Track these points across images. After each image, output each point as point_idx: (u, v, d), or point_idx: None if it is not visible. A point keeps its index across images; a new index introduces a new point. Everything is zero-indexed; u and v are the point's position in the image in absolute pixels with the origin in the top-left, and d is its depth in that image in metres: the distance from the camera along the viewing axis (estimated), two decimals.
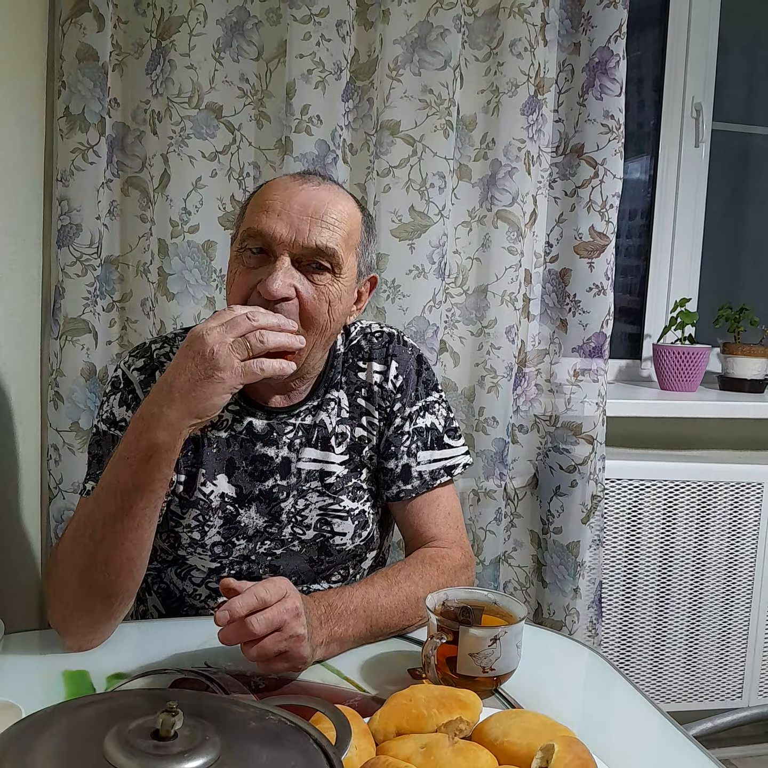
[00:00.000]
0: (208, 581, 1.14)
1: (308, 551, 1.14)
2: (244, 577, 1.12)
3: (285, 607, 0.86)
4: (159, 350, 1.12)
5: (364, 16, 1.64)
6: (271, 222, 0.99)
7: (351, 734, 0.68)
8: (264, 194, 1.04)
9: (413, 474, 1.15)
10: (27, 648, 0.97)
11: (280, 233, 0.99)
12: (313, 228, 1.00)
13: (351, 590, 0.99)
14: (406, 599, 1.02)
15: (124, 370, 1.11)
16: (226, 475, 1.10)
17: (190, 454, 1.10)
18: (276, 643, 0.86)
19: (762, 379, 2.10)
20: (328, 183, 1.06)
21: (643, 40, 2.11)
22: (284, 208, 1.00)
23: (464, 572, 1.12)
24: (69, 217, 1.56)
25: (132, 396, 1.08)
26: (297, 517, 1.12)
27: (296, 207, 1.00)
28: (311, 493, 1.12)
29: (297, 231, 0.99)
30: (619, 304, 2.02)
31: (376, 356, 1.17)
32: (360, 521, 1.14)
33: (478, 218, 1.74)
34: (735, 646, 1.98)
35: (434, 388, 1.20)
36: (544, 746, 0.71)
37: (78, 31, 1.52)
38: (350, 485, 1.14)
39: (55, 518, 1.63)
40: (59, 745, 0.58)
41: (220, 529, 1.10)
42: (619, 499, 1.90)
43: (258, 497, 1.11)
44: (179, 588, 1.16)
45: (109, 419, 1.08)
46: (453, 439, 1.19)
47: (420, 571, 1.06)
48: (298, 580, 1.14)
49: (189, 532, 1.10)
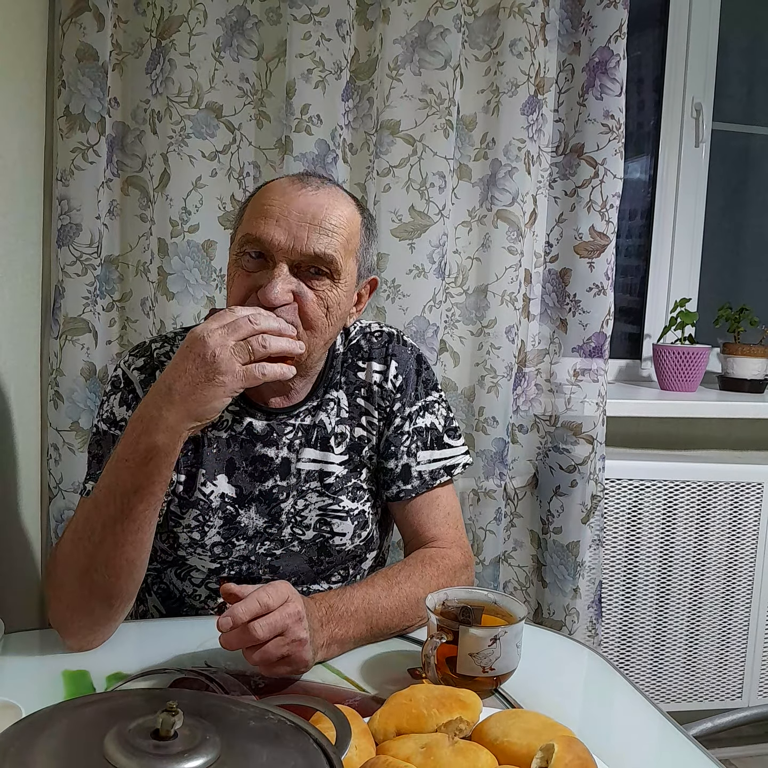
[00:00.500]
0: (208, 582, 1.14)
1: (308, 552, 1.13)
2: (244, 577, 1.12)
3: (287, 612, 0.86)
4: (159, 349, 1.12)
5: (364, 15, 1.64)
6: (269, 229, 0.99)
7: (351, 734, 0.68)
8: (262, 198, 1.03)
9: (413, 474, 1.15)
10: (27, 648, 0.97)
11: (279, 240, 0.98)
12: (311, 235, 0.99)
13: (352, 591, 0.99)
14: (407, 600, 1.02)
15: (124, 369, 1.11)
16: (226, 475, 1.10)
17: (190, 454, 1.10)
18: (278, 647, 0.86)
19: (762, 379, 2.10)
20: (327, 186, 1.05)
21: (643, 40, 2.11)
22: (282, 214, 0.99)
23: (464, 572, 1.12)
24: (69, 216, 1.56)
25: (132, 396, 1.08)
26: (296, 518, 1.12)
27: (294, 213, 0.99)
28: (311, 493, 1.12)
29: (295, 238, 0.98)
30: (619, 304, 2.02)
31: (375, 356, 1.16)
32: (359, 521, 1.14)
33: (478, 218, 1.74)
34: (735, 646, 1.98)
35: (434, 387, 1.20)
36: (544, 746, 0.71)
37: (78, 31, 1.52)
38: (350, 485, 1.14)
39: (55, 518, 1.63)
40: (59, 745, 0.58)
41: (220, 529, 1.10)
42: (619, 499, 1.90)
43: (258, 498, 1.11)
44: (179, 588, 1.16)
45: (110, 419, 1.08)
46: (453, 439, 1.19)
47: (420, 572, 1.06)
48: (297, 581, 1.14)
49: (189, 532, 1.10)
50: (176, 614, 1.17)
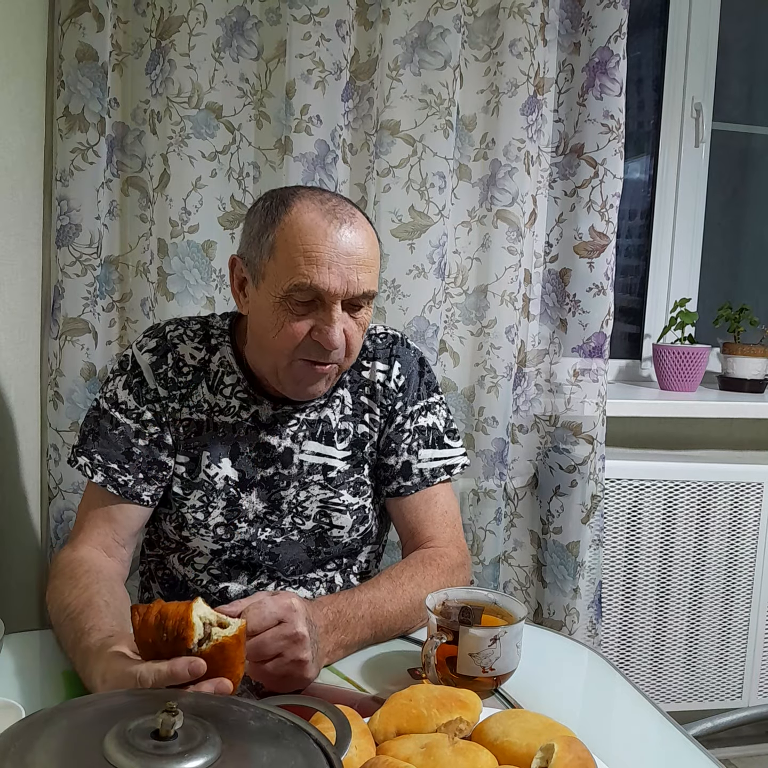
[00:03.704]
0: (210, 568, 1.16)
1: (306, 541, 1.16)
2: (245, 561, 1.14)
3: (282, 633, 0.85)
4: (173, 332, 1.14)
5: (364, 16, 1.64)
6: (324, 278, 0.99)
7: (351, 734, 0.68)
8: (303, 242, 1.00)
9: (414, 471, 1.17)
10: (27, 648, 0.97)
11: (335, 287, 1.00)
12: (360, 275, 1.01)
13: (359, 595, 1.00)
14: (410, 602, 1.03)
15: (135, 352, 1.13)
16: (230, 459, 1.13)
17: (193, 437, 1.12)
18: (278, 668, 0.86)
19: (762, 379, 2.10)
20: (353, 214, 1.04)
21: (643, 40, 2.11)
22: (333, 260, 0.99)
23: (461, 570, 1.13)
24: (69, 217, 1.56)
25: (137, 381, 1.11)
26: (298, 508, 1.15)
27: (344, 257, 1.00)
28: (313, 485, 1.15)
29: (348, 282, 1.00)
30: (619, 304, 2.02)
31: (379, 356, 1.19)
32: (359, 516, 1.17)
33: (478, 218, 1.74)
34: (735, 646, 1.98)
35: (435, 389, 1.23)
36: (544, 746, 0.71)
37: (77, 31, 1.52)
38: (352, 480, 1.16)
39: (55, 518, 1.63)
40: (59, 745, 0.58)
41: (223, 510, 1.12)
42: (619, 499, 1.90)
43: (259, 483, 1.13)
44: (181, 573, 1.18)
45: (112, 399, 1.11)
46: (453, 440, 1.22)
47: (422, 572, 1.08)
48: (296, 569, 1.17)
49: (194, 512, 1.12)
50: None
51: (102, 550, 1.08)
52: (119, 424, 1.10)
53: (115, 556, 1.09)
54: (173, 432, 1.12)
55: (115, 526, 1.09)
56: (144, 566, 1.26)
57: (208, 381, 1.13)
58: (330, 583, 1.19)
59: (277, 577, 1.16)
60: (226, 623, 0.75)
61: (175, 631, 0.72)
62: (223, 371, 1.14)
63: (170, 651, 0.73)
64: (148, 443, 1.11)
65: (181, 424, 1.12)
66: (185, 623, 0.72)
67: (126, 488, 1.09)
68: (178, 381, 1.12)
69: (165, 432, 1.12)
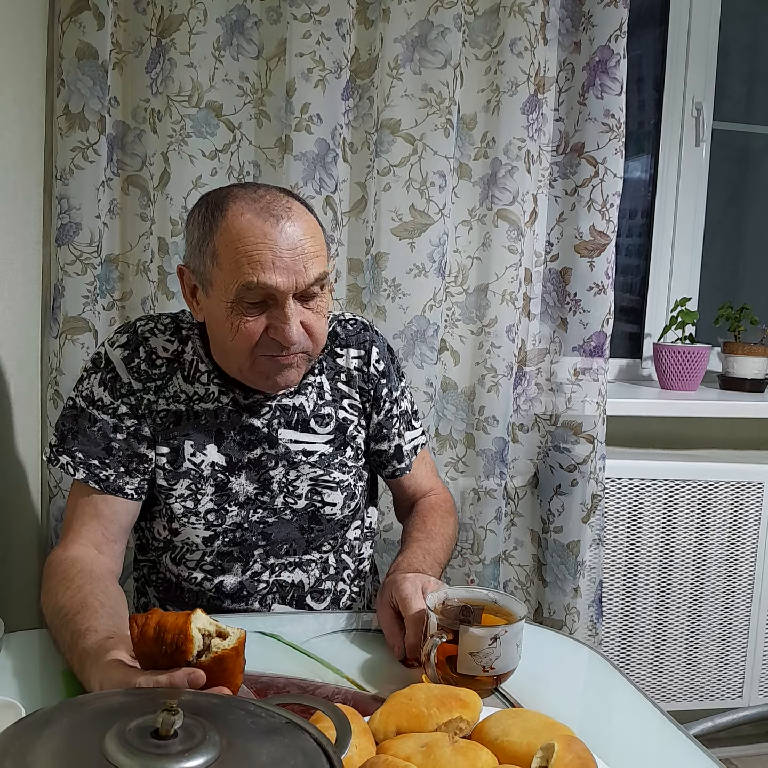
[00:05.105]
0: (202, 563, 1.16)
1: (299, 520, 1.18)
2: (238, 544, 1.15)
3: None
4: (144, 326, 1.15)
5: (364, 14, 1.64)
6: (269, 275, 0.98)
7: (351, 733, 0.68)
8: (242, 244, 0.99)
9: (405, 453, 1.27)
10: (27, 648, 0.97)
11: (283, 283, 0.99)
12: (306, 264, 1.00)
13: (425, 554, 1.13)
14: (449, 539, 1.22)
15: (107, 348, 1.14)
16: (215, 444, 1.14)
17: (171, 427, 1.13)
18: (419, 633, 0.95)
19: (762, 379, 2.10)
20: (289, 204, 1.03)
21: (643, 40, 2.11)
22: (276, 257, 0.98)
23: (454, 509, 1.32)
24: (69, 215, 1.56)
25: (111, 376, 1.12)
26: (288, 488, 1.16)
27: (287, 252, 0.99)
28: (303, 464, 1.16)
29: (296, 274, 0.99)
30: (620, 304, 2.02)
31: (352, 343, 1.21)
32: (348, 493, 1.20)
33: (479, 217, 1.74)
34: (735, 646, 1.98)
35: (403, 374, 1.31)
36: (545, 745, 0.71)
37: (78, 30, 1.52)
38: (336, 462, 1.19)
39: (55, 518, 1.63)
40: (59, 745, 0.58)
41: (213, 496, 1.13)
42: (619, 499, 1.90)
43: (247, 465, 1.14)
44: (175, 574, 1.19)
45: (89, 397, 1.12)
46: (417, 422, 1.32)
47: (438, 515, 1.25)
48: (290, 549, 1.18)
49: (182, 501, 1.13)
50: (177, 603, 1.19)
51: (93, 547, 1.08)
52: (97, 421, 1.11)
53: (106, 552, 1.09)
54: (150, 423, 1.12)
55: (104, 522, 1.10)
56: (138, 572, 1.26)
57: (183, 372, 1.13)
58: (324, 564, 1.21)
59: (271, 564, 1.17)
60: (226, 633, 0.75)
61: (174, 644, 0.72)
62: (197, 359, 1.14)
63: (169, 663, 0.73)
64: (126, 437, 1.11)
65: (158, 415, 1.12)
66: (184, 636, 0.72)
67: (108, 482, 1.09)
68: (152, 373, 1.12)
69: (142, 424, 1.12)
